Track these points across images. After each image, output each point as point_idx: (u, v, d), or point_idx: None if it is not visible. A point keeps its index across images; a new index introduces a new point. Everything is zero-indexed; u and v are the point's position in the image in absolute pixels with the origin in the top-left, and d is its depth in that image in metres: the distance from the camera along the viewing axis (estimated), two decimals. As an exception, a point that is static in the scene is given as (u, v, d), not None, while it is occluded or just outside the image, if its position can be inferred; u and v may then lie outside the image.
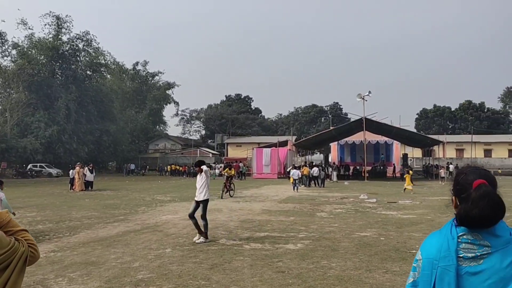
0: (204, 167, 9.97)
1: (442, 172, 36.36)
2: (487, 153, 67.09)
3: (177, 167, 56.42)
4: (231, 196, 20.91)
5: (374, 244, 9.08)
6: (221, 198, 20.38)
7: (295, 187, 25.65)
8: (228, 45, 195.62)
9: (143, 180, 42.69)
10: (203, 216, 9.55)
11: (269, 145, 49.81)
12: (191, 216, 9.56)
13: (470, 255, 1.80)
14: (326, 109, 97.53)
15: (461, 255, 1.81)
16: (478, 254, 1.79)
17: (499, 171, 47.91)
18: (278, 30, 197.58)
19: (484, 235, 1.81)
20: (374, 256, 7.94)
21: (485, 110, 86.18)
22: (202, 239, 9.35)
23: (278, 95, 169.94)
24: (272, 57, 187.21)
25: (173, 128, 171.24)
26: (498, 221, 1.80)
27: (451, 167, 35.69)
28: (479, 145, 66.78)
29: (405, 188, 23.98)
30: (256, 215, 14.15)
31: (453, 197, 2.02)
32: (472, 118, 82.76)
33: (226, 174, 22.55)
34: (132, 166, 59.14)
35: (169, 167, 58.01)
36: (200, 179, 9.84)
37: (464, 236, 1.84)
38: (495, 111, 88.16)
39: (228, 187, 21.47)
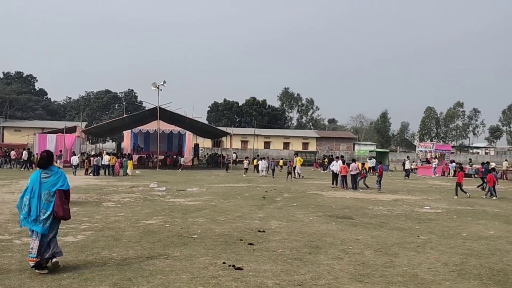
0: None
1: (246, 164, 36.13)
2: (267, 145, 75.11)
3: None
4: None
5: (158, 231, 9.22)
6: None
7: (74, 172, 28.45)
8: (8, 14, 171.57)
9: None
10: None
11: (55, 131, 45.53)
12: None
13: (44, 176, 6.12)
14: (120, 95, 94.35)
15: (41, 176, 6.10)
16: (47, 176, 6.13)
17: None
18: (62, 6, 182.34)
19: (47, 170, 6.18)
20: (157, 243, 8.06)
21: (267, 107, 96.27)
22: None
23: (67, 77, 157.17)
24: (61, 35, 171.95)
25: None
26: (50, 165, 6.25)
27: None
28: (260, 137, 74.14)
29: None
30: (33, 206, 12.80)
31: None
32: (256, 113, 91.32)
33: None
34: None
35: None
36: None
37: (42, 171, 6.16)
38: (275, 108, 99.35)
39: None
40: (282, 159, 45.20)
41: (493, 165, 28.84)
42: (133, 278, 5.88)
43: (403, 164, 48.55)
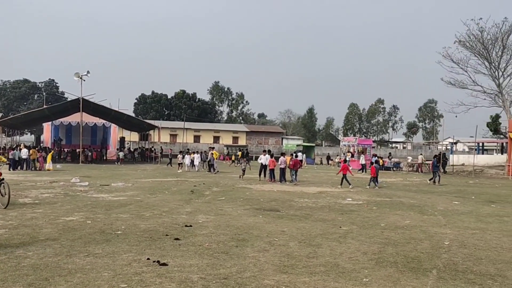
0: None
1: (180, 158, 35.63)
2: (197, 138, 74.45)
3: None
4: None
5: (79, 228, 8.81)
6: None
7: None
8: None
9: None
10: None
11: (-35, 122, 42.06)
12: None
13: None
14: (40, 85, 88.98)
15: None
16: None
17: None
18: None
19: None
20: (77, 241, 7.70)
21: (197, 100, 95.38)
22: None
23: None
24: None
25: None
26: None
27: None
28: (190, 131, 73.34)
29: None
30: None
31: None
32: (185, 107, 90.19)
33: None
34: None
35: None
36: None
37: None
38: (205, 101, 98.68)
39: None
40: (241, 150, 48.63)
41: (376, 158, 31.43)
42: (50, 277, 5.57)
43: (327, 158, 50.91)
